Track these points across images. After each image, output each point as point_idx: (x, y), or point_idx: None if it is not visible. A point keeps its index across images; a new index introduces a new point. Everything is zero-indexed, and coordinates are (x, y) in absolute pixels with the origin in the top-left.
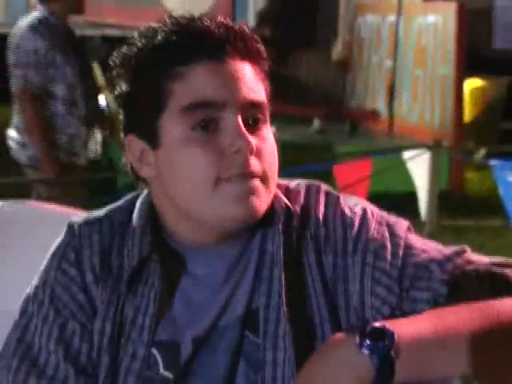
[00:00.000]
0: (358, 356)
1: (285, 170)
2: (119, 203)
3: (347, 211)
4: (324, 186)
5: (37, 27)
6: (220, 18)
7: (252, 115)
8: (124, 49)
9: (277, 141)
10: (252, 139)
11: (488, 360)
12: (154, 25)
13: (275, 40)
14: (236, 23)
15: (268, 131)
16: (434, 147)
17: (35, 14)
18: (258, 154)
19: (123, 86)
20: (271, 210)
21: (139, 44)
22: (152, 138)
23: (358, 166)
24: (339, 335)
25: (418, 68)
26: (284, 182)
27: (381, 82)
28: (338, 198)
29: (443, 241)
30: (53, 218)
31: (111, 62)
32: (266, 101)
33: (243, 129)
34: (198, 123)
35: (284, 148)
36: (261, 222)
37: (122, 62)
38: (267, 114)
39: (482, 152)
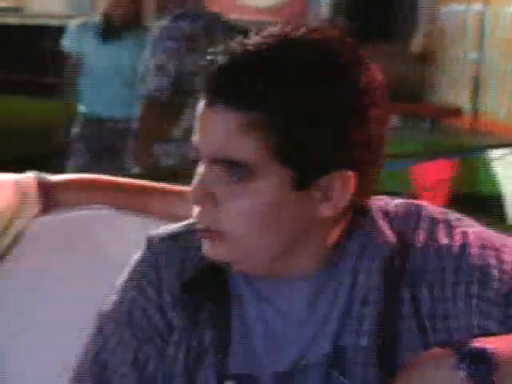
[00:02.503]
0: (455, 378)
1: None
2: None
3: (445, 238)
4: (425, 209)
5: None
6: (245, 50)
7: (231, 171)
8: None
9: None
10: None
11: None
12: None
13: (350, 31)
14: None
15: (256, 188)
16: None
17: None
18: (220, 210)
19: None
20: (370, 241)
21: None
22: None
23: (439, 165)
24: (437, 351)
25: (506, 61)
26: (381, 203)
27: (464, 76)
28: (438, 222)
29: None
30: (129, 226)
31: None
32: (247, 158)
33: (197, 178)
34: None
35: None
36: (352, 252)
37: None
38: (257, 170)
39: None
